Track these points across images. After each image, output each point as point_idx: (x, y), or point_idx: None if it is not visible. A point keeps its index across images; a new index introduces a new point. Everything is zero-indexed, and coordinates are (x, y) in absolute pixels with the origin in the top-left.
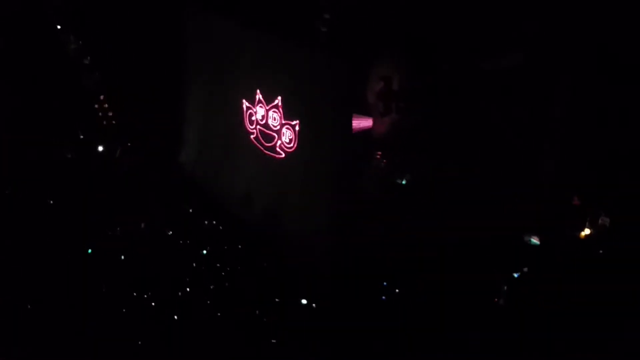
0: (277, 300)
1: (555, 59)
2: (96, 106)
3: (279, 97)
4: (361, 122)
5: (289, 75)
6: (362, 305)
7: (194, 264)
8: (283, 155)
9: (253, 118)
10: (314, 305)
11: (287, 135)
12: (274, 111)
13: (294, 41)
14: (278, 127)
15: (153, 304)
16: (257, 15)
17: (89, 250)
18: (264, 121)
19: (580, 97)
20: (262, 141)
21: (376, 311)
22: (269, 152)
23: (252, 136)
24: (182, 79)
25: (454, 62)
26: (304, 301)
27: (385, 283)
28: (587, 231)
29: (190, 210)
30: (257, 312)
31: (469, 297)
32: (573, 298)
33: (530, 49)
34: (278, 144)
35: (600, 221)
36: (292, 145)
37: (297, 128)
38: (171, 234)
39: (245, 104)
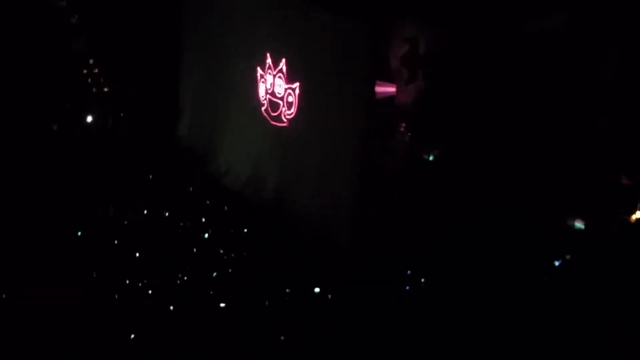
0: (287, 290)
1: (604, 19)
2: (85, 71)
3: (284, 59)
4: (383, 90)
5: (299, 36)
6: (383, 297)
7: (195, 250)
8: (286, 123)
9: (263, 87)
10: (329, 296)
11: (288, 101)
12: (279, 77)
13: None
14: (282, 94)
15: (150, 292)
16: None
17: (79, 233)
18: (271, 89)
19: (633, 63)
20: (270, 111)
21: (399, 302)
22: (275, 122)
23: (263, 108)
24: (183, 42)
25: (489, 22)
26: (317, 290)
27: (409, 272)
28: (638, 214)
29: (191, 189)
30: (266, 303)
31: (503, 286)
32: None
33: (575, 8)
34: (283, 112)
35: None
36: (291, 111)
37: (297, 92)
38: (169, 216)
39: (259, 71)
